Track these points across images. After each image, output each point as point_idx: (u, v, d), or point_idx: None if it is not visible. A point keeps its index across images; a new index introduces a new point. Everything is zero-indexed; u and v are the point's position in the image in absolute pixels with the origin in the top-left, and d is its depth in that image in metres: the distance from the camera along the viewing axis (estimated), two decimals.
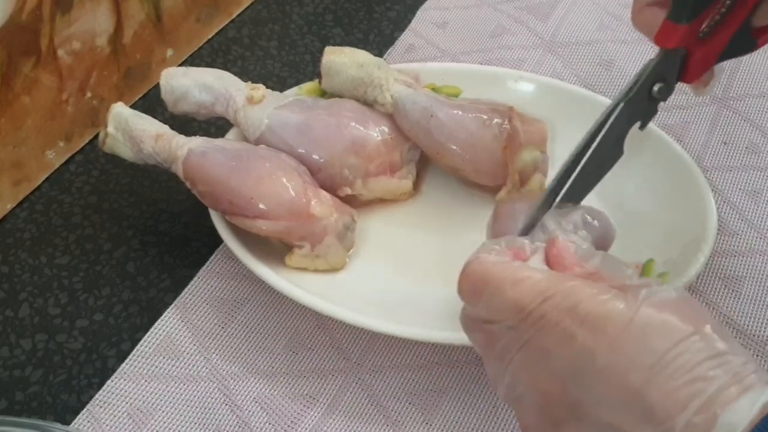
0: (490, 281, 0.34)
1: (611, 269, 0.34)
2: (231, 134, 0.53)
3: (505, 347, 0.34)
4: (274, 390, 0.46)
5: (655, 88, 0.41)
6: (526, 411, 0.34)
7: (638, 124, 0.42)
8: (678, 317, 0.31)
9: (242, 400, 0.45)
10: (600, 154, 0.41)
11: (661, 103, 0.42)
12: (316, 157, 0.50)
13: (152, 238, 0.53)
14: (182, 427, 0.44)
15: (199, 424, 0.44)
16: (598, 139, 0.40)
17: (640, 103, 0.41)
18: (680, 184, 0.51)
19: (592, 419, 0.32)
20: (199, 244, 0.52)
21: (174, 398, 0.45)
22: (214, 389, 0.46)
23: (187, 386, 0.46)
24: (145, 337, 0.48)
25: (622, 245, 0.43)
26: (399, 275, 0.50)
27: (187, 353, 0.47)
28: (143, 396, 0.45)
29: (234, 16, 0.68)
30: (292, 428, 0.44)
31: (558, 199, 0.40)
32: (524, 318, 0.33)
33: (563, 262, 0.35)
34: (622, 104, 0.41)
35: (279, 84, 0.62)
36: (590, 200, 0.52)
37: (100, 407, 0.45)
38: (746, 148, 0.58)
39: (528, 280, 0.33)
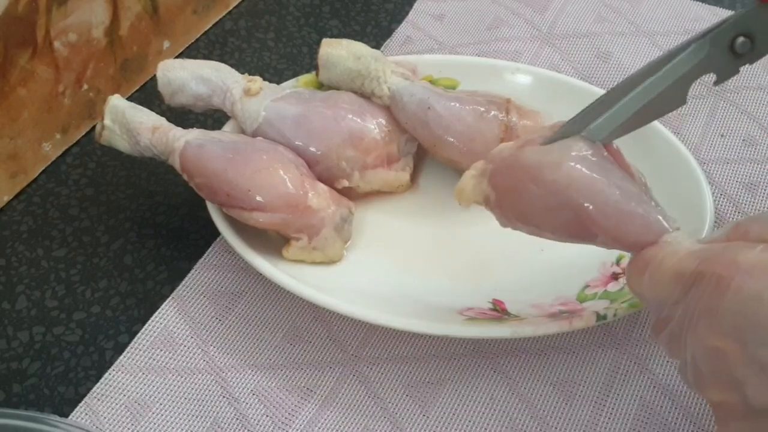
0: (650, 258, 0.35)
1: None
2: (228, 126, 0.53)
3: (677, 324, 0.34)
4: (272, 382, 0.46)
5: (739, 40, 0.36)
6: (710, 388, 0.33)
7: (713, 77, 0.37)
8: None
9: (239, 392, 0.45)
10: (657, 92, 0.38)
11: (746, 66, 0.37)
12: (313, 149, 0.50)
13: (149, 230, 0.53)
14: (180, 419, 0.44)
15: (197, 417, 0.44)
16: (657, 74, 0.37)
17: (717, 51, 0.37)
18: (677, 176, 0.51)
19: None
20: (196, 236, 0.52)
21: (171, 390, 0.45)
22: (211, 381, 0.46)
23: (185, 378, 0.46)
24: (143, 329, 0.48)
25: None
26: (396, 267, 0.50)
27: (185, 345, 0.47)
28: (141, 388, 0.45)
29: (231, 7, 0.67)
30: (290, 420, 0.44)
31: (594, 124, 0.38)
32: (684, 283, 0.33)
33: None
34: (694, 45, 0.37)
35: (276, 76, 0.62)
36: None
37: (98, 400, 0.45)
38: (743, 140, 0.58)
39: (684, 250, 0.34)
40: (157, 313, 0.49)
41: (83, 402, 0.45)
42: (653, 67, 0.38)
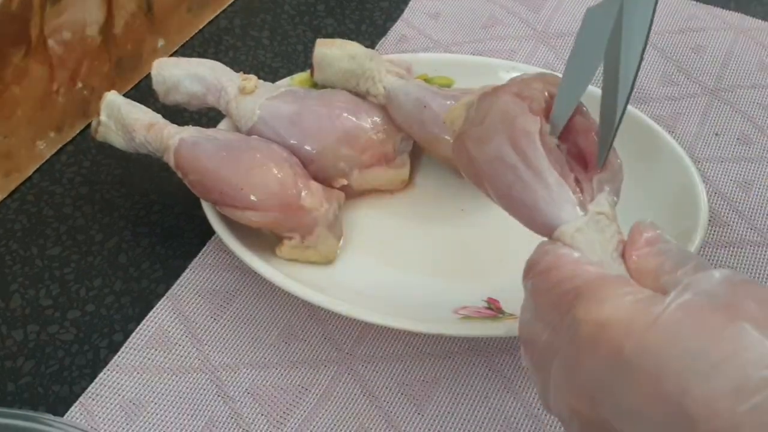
0: (538, 263, 0.32)
1: (674, 259, 0.30)
2: (223, 125, 0.53)
3: (544, 348, 0.30)
4: (266, 381, 0.46)
5: None
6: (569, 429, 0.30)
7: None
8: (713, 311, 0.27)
9: (234, 391, 0.45)
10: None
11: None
12: (308, 147, 0.50)
13: (144, 228, 0.53)
14: (175, 419, 0.44)
15: (192, 416, 0.44)
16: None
17: None
18: (671, 175, 0.51)
19: None
20: (191, 235, 0.52)
21: (166, 390, 0.45)
22: (206, 380, 0.46)
23: (179, 378, 0.46)
24: (138, 328, 0.48)
25: None
26: (392, 266, 0.50)
27: (179, 345, 0.47)
28: (135, 388, 0.45)
29: (225, 6, 0.67)
30: (285, 419, 0.44)
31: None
32: (559, 312, 0.29)
33: (635, 243, 0.31)
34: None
35: (271, 75, 0.62)
36: None
37: (93, 400, 0.45)
38: (738, 139, 0.58)
39: (567, 267, 0.30)
40: (151, 312, 0.48)
41: (78, 402, 0.45)
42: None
